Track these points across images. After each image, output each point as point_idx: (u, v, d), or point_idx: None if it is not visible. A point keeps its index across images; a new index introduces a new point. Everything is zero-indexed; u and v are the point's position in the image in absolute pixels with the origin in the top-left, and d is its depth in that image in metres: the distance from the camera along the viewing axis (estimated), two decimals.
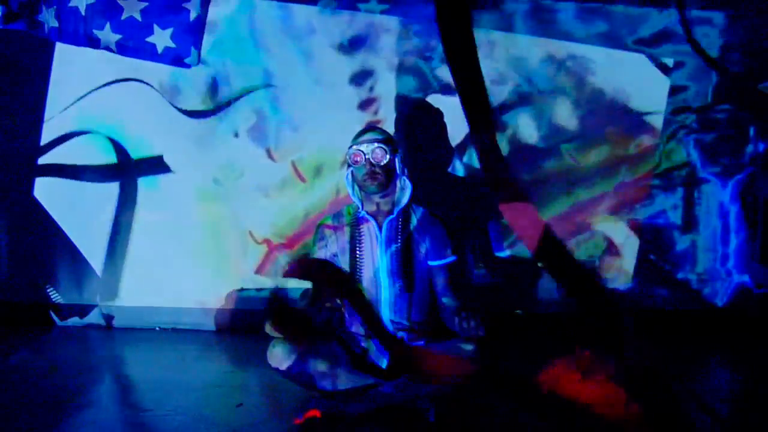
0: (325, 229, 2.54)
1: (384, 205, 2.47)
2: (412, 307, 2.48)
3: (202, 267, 3.42)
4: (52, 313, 3.47)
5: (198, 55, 3.22)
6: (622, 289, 3.49)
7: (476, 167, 3.43)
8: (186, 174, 3.41)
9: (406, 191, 2.47)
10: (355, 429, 2.16)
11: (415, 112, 3.40)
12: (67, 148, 3.41)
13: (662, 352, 3.13)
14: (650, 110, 3.44)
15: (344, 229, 2.51)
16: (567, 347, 3.15)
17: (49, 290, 3.45)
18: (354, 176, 2.47)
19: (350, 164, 2.46)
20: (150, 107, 3.37)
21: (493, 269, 3.43)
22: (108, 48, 3.14)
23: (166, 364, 2.95)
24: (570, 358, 2.96)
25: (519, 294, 3.47)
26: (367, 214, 2.47)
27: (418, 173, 3.30)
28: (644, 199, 3.48)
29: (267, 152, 3.41)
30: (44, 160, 3.41)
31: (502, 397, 2.41)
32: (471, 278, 3.41)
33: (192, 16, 3.15)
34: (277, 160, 3.41)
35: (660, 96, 3.45)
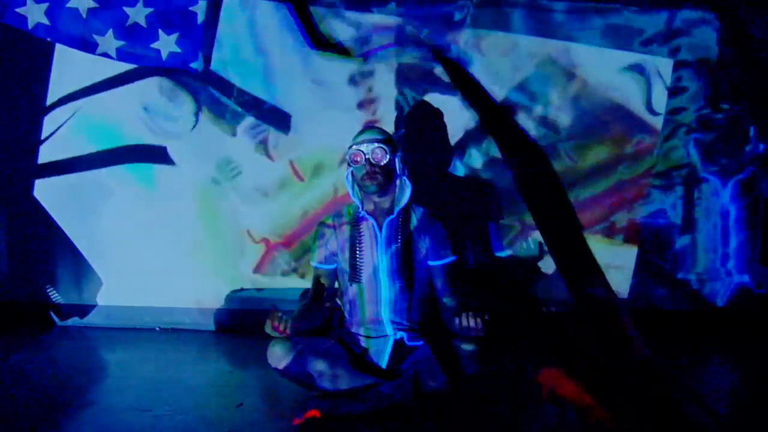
0: (325, 228, 2.55)
1: (384, 205, 2.47)
2: (412, 307, 2.48)
3: (200, 266, 3.42)
4: (52, 313, 3.47)
5: (205, 59, 3.22)
6: (621, 289, 3.49)
7: (476, 167, 3.43)
8: (184, 172, 3.41)
9: (405, 191, 2.47)
10: (355, 429, 2.16)
11: (414, 112, 3.39)
12: (67, 147, 3.41)
13: (662, 352, 3.14)
14: (649, 110, 3.44)
15: (344, 228, 2.51)
16: (567, 347, 3.16)
17: (49, 290, 3.45)
18: (354, 176, 2.48)
19: (350, 164, 2.46)
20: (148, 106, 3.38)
21: (493, 269, 3.44)
22: (106, 54, 3.14)
23: (166, 364, 2.95)
24: (569, 359, 2.97)
25: (519, 294, 3.47)
26: (367, 213, 2.47)
27: (418, 173, 3.30)
28: (643, 198, 3.48)
29: (265, 151, 3.41)
30: (44, 159, 3.41)
31: (502, 397, 2.42)
32: (471, 277, 3.41)
33: (199, 20, 3.14)
34: (276, 159, 3.41)
35: (659, 95, 3.45)
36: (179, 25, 3.14)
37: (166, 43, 3.14)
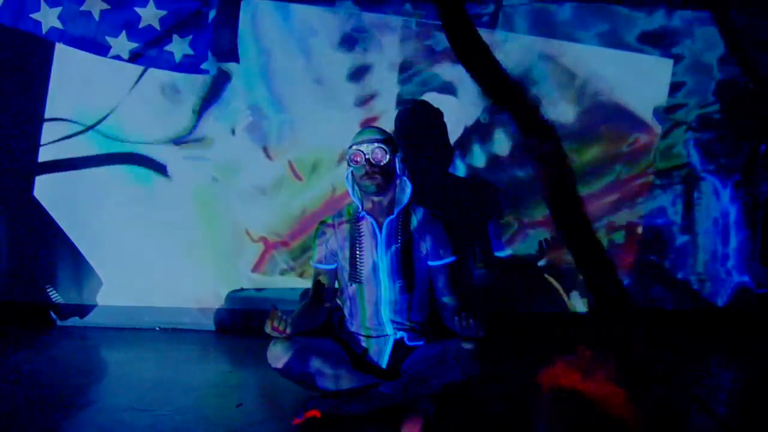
0: (325, 228, 2.55)
1: (384, 205, 2.47)
2: (412, 307, 2.48)
3: (199, 265, 3.42)
4: (52, 313, 3.47)
5: (215, 60, 3.22)
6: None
7: (476, 167, 3.43)
8: (182, 172, 3.41)
9: (405, 191, 2.47)
10: (355, 429, 2.16)
11: (414, 112, 3.39)
12: (66, 146, 3.41)
13: (662, 352, 3.14)
14: (649, 109, 3.44)
15: (344, 228, 2.51)
16: (567, 347, 3.16)
17: (49, 290, 3.45)
18: (354, 176, 2.47)
19: (350, 164, 2.45)
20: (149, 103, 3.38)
21: (493, 269, 3.43)
22: (118, 57, 3.13)
23: (166, 364, 2.95)
24: (570, 358, 2.96)
25: (519, 294, 3.47)
26: (367, 213, 2.47)
27: (418, 173, 3.30)
28: (642, 197, 3.48)
29: (264, 150, 3.41)
30: (44, 158, 3.41)
31: (501, 397, 2.41)
32: (471, 277, 3.41)
33: (210, 21, 3.15)
34: (274, 158, 3.41)
35: (659, 94, 3.45)
36: (192, 28, 3.14)
37: (179, 46, 3.14)
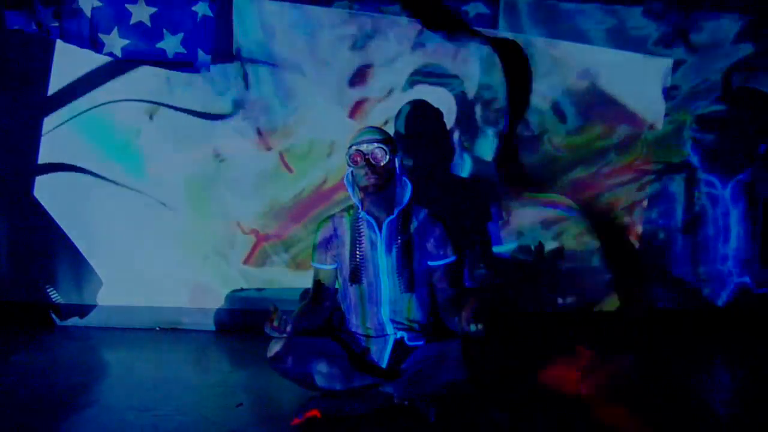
0: (325, 228, 2.55)
1: (384, 205, 2.47)
2: (412, 307, 2.48)
3: (190, 258, 3.42)
4: (52, 313, 3.47)
5: (210, 59, 3.22)
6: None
7: (476, 167, 3.43)
8: (174, 164, 3.40)
9: (405, 191, 2.46)
10: (355, 429, 2.16)
11: (414, 112, 3.39)
12: (66, 146, 3.41)
13: (663, 352, 3.14)
14: (649, 109, 3.44)
15: (344, 228, 2.51)
16: (567, 347, 3.16)
17: (49, 290, 3.45)
18: (353, 176, 2.47)
19: (350, 164, 2.45)
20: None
21: (493, 269, 3.43)
22: (111, 54, 3.14)
23: (166, 364, 2.95)
24: (570, 358, 2.97)
25: (519, 294, 3.47)
26: (367, 213, 2.47)
27: (418, 173, 3.31)
28: (642, 197, 3.48)
29: (255, 142, 3.40)
30: (44, 158, 3.41)
31: (501, 398, 2.41)
32: (471, 278, 3.41)
33: (202, 20, 3.15)
34: (265, 150, 3.41)
35: (658, 94, 3.45)
36: (184, 25, 3.14)
37: (171, 43, 3.15)
